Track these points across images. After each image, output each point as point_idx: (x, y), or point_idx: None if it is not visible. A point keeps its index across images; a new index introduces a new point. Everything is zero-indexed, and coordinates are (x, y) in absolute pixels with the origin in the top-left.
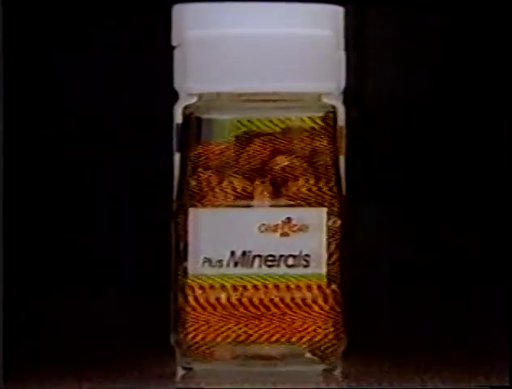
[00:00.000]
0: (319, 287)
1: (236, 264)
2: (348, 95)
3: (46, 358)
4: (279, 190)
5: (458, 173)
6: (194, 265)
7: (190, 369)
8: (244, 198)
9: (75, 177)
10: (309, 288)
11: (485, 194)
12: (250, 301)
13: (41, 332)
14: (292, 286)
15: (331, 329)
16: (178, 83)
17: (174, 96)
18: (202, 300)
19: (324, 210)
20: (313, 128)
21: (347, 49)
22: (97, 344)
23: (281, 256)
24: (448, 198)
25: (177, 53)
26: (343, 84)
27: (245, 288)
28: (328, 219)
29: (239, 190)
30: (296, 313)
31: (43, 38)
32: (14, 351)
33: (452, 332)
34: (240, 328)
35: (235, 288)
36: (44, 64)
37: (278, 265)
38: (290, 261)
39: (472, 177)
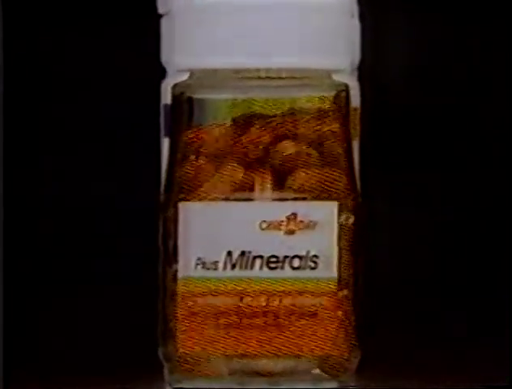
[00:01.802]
0: (329, 292)
1: (233, 266)
2: (363, 71)
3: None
4: (283, 181)
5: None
6: (185, 267)
7: (180, 387)
8: (243, 191)
9: (52, 165)
10: (317, 293)
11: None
12: (250, 308)
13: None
14: (298, 291)
15: (343, 340)
16: (166, 57)
17: (161, 72)
18: (194, 307)
19: (335, 204)
20: (322, 109)
21: (361, 18)
22: (75, 360)
23: (285, 257)
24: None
25: (164, 23)
26: (357, 59)
27: (243, 293)
28: (339, 214)
29: (237, 181)
30: (302, 322)
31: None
32: (10, 358)
33: (452, 333)
34: (238, 340)
35: (232, 294)
36: (28, 41)
37: (282, 267)
38: (296, 262)
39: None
